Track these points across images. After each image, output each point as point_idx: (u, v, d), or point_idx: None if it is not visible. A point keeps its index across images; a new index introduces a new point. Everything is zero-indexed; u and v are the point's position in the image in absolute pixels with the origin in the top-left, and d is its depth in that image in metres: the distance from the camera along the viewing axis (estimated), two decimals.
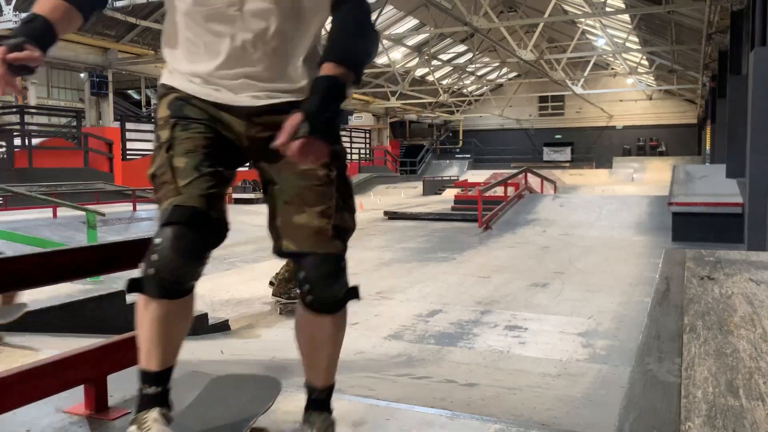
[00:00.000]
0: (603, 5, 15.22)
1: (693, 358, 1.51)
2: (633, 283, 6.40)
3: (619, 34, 20.85)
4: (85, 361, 1.71)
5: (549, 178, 17.44)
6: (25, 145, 14.79)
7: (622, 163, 29.89)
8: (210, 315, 4.64)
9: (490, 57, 26.06)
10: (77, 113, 17.21)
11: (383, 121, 31.76)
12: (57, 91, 28.42)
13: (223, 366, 3.13)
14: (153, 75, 19.05)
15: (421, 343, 4.33)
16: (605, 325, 4.74)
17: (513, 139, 35.02)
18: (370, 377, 3.09)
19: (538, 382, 3.38)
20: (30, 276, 1.59)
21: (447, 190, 22.71)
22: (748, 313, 1.90)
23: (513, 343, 4.31)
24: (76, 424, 1.67)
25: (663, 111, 32.33)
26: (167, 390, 1.44)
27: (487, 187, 13.15)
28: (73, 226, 8.98)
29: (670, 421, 1.18)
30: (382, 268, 7.43)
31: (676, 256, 2.87)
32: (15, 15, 11.41)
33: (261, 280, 6.77)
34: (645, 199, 12.89)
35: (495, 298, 5.70)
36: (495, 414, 2.29)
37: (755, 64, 5.34)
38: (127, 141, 18.39)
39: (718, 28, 13.30)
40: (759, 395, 1.28)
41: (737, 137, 9.05)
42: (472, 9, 13.60)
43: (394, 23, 21.99)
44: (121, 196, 13.51)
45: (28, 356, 2.23)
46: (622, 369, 3.55)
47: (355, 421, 1.68)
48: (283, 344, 4.29)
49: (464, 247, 9.22)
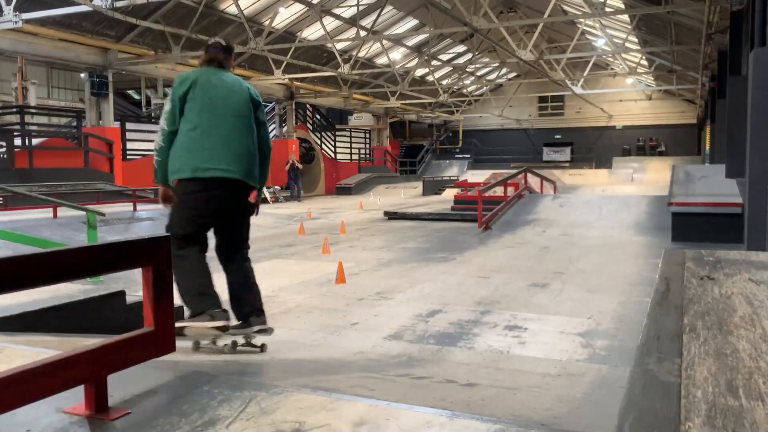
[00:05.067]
0: (603, 5, 15.22)
1: (693, 358, 1.51)
2: (633, 283, 6.40)
3: (618, 34, 20.86)
4: (85, 361, 1.71)
5: (549, 178, 17.44)
6: (25, 145, 14.80)
7: (621, 163, 29.90)
8: None
9: (490, 57, 26.07)
10: (77, 113, 17.22)
11: (383, 121, 31.77)
12: (57, 91, 28.42)
13: (223, 366, 3.13)
14: (153, 75, 19.07)
15: (421, 343, 4.33)
16: (605, 325, 4.74)
17: (513, 139, 35.04)
18: (370, 377, 3.09)
19: (538, 382, 3.39)
20: (30, 276, 1.59)
21: (447, 190, 22.73)
22: (748, 313, 1.90)
23: (513, 343, 4.31)
24: (76, 424, 1.67)
25: (663, 111, 32.35)
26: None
27: (486, 187, 13.15)
28: (73, 226, 8.98)
29: (670, 421, 1.18)
30: (382, 269, 7.43)
31: (675, 256, 2.87)
32: (15, 15, 11.41)
33: (260, 280, 6.76)
34: (645, 199, 12.89)
35: (495, 299, 5.70)
36: (495, 414, 2.29)
37: (755, 64, 5.35)
38: (127, 141, 18.40)
39: (718, 28, 13.30)
40: (759, 395, 1.28)
41: (737, 137, 9.05)
42: (472, 9, 13.60)
43: (394, 23, 22.00)
44: (121, 196, 13.52)
45: (28, 356, 2.23)
46: (622, 369, 3.55)
47: (355, 422, 1.67)
48: (283, 344, 4.29)
49: (464, 248, 9.22)
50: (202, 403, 1.81)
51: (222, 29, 17.58)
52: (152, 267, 1.89)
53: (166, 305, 1.95)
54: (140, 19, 15.14)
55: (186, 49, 16.64)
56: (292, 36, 19.40)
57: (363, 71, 21.69)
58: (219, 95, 3.52)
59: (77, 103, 25.56)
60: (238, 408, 1.77)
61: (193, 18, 15.64)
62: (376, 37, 18.69)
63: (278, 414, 1.73)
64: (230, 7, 16.86)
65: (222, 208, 3.54)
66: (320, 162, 26.93)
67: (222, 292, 3.59)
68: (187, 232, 3.47)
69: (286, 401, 1.82)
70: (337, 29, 20.32)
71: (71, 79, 28.65)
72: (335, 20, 19.81)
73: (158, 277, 1.90)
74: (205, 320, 3.35)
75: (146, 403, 1.83)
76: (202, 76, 3.56)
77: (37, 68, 25.89)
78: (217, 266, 3.67)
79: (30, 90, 18.74)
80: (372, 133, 32.24)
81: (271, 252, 8.56)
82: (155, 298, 1.90)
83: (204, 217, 3.51)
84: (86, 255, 1.77)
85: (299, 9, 18.47)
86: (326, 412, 1.74)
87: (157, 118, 23.27)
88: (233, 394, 1.88)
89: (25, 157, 14.27)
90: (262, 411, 1.74)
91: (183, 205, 3.49)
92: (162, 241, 1.93)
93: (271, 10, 17.53)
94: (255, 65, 20.55)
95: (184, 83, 3.51)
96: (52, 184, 12.90)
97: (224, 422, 1.67)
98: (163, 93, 26.03)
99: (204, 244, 3.59)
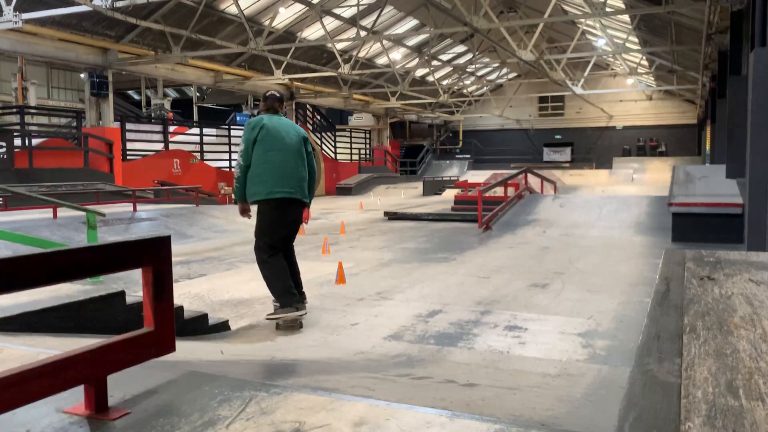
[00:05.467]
0: (603, 5, 15.21)
1: (693, 358, 1.51)
2: (633, 283, 6.40)
3: (619, 34, 20.86)
4: (85, 361, 1.71)
5: (549, 179, 17.43)
6: (25, 145, 14.80)
7: (622, 164, 29.91)
8: (210, 315, 4.64)
9: (490, 57, 26.07)
10: (77, 113, 17.21)
11: (383, 122, 31.77)
12: (57, 92, 28.43)
13: (223, 366, 3.13)
14: (153, 75, 19.06)
15: (421, 343, 4.33)
16: (605, 325, 4.74)
17: (513, 140, 35.04)
18: (370, 377, 3.09)
19: (538, 382, 3.38)
20: (30, 276, 1.59)
21: (447, 191, 22.74)
22: (748, 313, 1.90)
23: (513, 343, 4.31)
24: (76, 424, 1.67)
25: (663, 111, 32.35)
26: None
27: (487, 187, 13.14)
28: (73, 226, 8.98)
29: (670, 422, 1.18)
30: (382, 269, 7.43)
31: (675, 256, 2.88)
32: (15, 15, 11.40)
33: (260, 280, 6.77)
34: (645, 199, 12.89)
35: (495, 299, 5.70)
36: (495, 414, 2.29)
37: (755, 64, 5.35)
38: (127, 141, 18.39)
39: (718, 29, 13.30)
40: (759, 395, 1.28)
41: (737, 137, 9.06)
42: (472, 9, 13.60)
43: (394, 23, 22.00)
44: (121, 196, 13.51)
45: (28, 356, 2.23)
46: (622, 369, 3.55)
47: (355, 421, 1.67)
48: (282, 344, 4.29)
49: (464, 248, 9.22)
50: (202, 403, 1.81)
51: (222, 29, 17.59)
52: (152, 267, 1.89)
53: (166, 305, 1.95)
54: (140, 19, 15.13)
55: (186, 49, 16.63)
56: (292, 36, 19.40)
57: (363, 71, 21.68)
58: (279, 137, 4.78)
59: (77, 103, 25.58)
60: (238, 408, 1.77)
61: (193, 18, 15.63)
62: (376, 37, 18.69)
63: (278, 414, 1.73)
64: (230, 7, 16.86)
65: (288, 220, 4.86)
66: (320, 162, 26.93)
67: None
68: (273, 240, 4.79)
69: (286, 401, 1.82)
70: (337, 29, 20.32)
71: (71, 79, 28.67)
72: (335, 20, 19.81)
73: (158, 277, 1.90)
74: (292, 312, 4.66)
75: (146, 403, 1.83)
76: (267, 123, 4.78)
77: (37, 68, 25.92)
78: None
79: (30, 90, 18.78)
80: (372, 133, 32.24)
81: None
82: (155, 299, 1.90)
83: (278, 226, 4.82)
84: (86, 255, 1.77)
85: (299, 9, 18.47)
86: (326, 412, 1.74)
87: (156, 118, 23.35)
88: (233, 394, 1.88)
89: (25, 157, 14.26)
90: (262, 411, 1.75)
91: (263, 217, 4.84)
92: (162, 241, 1.93)
93: (271, 10, 17.53)
94: (255, 65, 20.55)
95: (254, 129, 4.75)
96: (52, 185, 12.89)
97: (224, 422, 1.67)
98: (163, 93, 26.08)
99: (282, 249, 4.86)
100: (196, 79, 20.12)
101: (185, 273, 7.13)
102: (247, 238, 10.52)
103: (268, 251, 4.76)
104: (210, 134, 23.02)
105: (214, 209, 13.03)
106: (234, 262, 8.04)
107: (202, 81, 20.27)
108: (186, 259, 8.09)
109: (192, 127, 23.67)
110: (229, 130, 23.22)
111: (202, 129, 22.43)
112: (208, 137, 22.63)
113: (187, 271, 7.29)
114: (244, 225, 12.06)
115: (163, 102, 25.18)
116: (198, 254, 8.67)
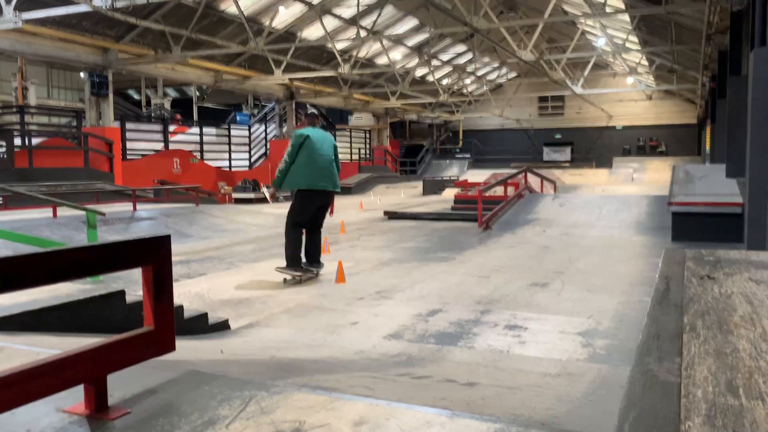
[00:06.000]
0: (603, 5, 15.22)
1: (693, 357, 1.51)
2: (633, 282, 6.40)
3: (618, 34, 20.86)
4: (85, 361, 1.71)
5: (549, 178, 17.42)
6: (25, 145, 14.80)
7: (622, 163, 29.91)
8: (210, 315, 4.64)
9: (490, 57, 26.07)
10: (77, 113, 17.21)
11: (383, 121, 31.77)
12: (57, 91, 28.44)
13: (223, 366, 3.13)
14: (153, 75, 19.07)
15: (421, 342, 4.33)
16: (605, 324, 4.74)
17: (513, 139, 35.04)
18: (370, 377, 3.09)
19: (538, 382, 3.39)
20: (30, 276, 1.59)
21: (447, 190, 22.72)
22: (748, 312, 1.90)
23: (513, 342, 4.31)
24: (76, 423, 1.67)
25: (663, 111, 32.35)
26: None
27: (487, 187, 13.14)
28: (73, 226, 8.98)
29: (670, 421, 1.18)
30: (382, 268, 7.43)
31: (675, 255, 2.88)
32: (15, 15, 11.41)
33: (261, 279, 6.78)
34: (645, 199, 12.88)
35: (495, 298, 5.70)
36: (495, 414, 2.29)
37: (755, 64, 5.35)
38: (127, 141, 18.40)
39: (718, 29, 13.29)
40: (759, 395, 1.28)
41: (737, 137, 9.06)
42: (472, 9, 13.60)
43: (394, 23, 21.99)
44: (121, 196, 13.51)
45: (28, 356, 2.23)
46: (622, 369, 3.55)
47: (355, 421, 1.68)
48: (283, 344, 4.29)
49: (464, 247, 9.22)
50: (202, 403, 1.81)
51: (222, 29, 17.59)
52: (152, 267, 1.89)
53: (166, 305, 1.95)
54: (140, 19, 15.13)
55: (186, 48, 16.63)
56: (292, 36, 19.39)
57: (363, 71, 21.68)
58: (319, 144, 6.57)
59: (77, 103, 25.57)
60: (238, 408, 1.77)
61: (193, 18, 15.63)
62: (376, 37, 18.68)
63: (278, 414, 1.73)
64: (230, 7, 16.85)
65: (321, 204, 6.71)
66: None
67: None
68: (302, 219, 6.62)
69: (286, 401, 1.82)
70: (337, 29, 20.31)
71: (71, 79, 28.67)
72: (335, 20, 19.80)
73: (158, 277, 1.90)
74: (291, 272, 6.45)
75: (146, 403, 1.83)
76: (310, 134, 6.54)
77: (37, 68, 25.91)
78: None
79: (30, 90, 18.77)
80: (372, 133, 32.24)
81: (272, 252, 8.56)
82: (155, 298, 1.90)
83: (312, 209, 6.62)
84: (86, 255, 1.77)
85: (299, 9, 18.47)
86: (326, 412, 1.74)
87: (156, 118, 23.37)
88: (233, 393, 1.88)
89: (25, 156, 14.27)
90: (262, 411, 1.75)
91: (302, 203, 6.61)
92: (162, 240, 1.93)
93: (271, 10, 17.53)
94: (255, 65, 20.55)
95: (300, 138, 6.52)
96: (52, 184, 12.90)
97: (224, 422, 1.67)
98: (163, 93, 26.09)
99: (305, 226, 6.69)
100: (196, 78, 20.12)
101: (185, 272, 7.13)
102: (249, 237, 10.56)
103: (293, 226, 6.58)
104: (210, 134, 23.04)
105: (214, 209, 13.03)
106: (234, 261, 8.04)
107: (202, 81, 20.28)
108: (186, 259, 8.09)
109: (192, 126, 23.70)
110: (229, 130, 23.22)
111: (202, 128, 22.43)
112: (208, 137, 22.65)
113: (187, 270, 7.29)
114: (244, 224, 12.08)
115: (163, 101, 25.20)
116: (198, 253, 8.67)
